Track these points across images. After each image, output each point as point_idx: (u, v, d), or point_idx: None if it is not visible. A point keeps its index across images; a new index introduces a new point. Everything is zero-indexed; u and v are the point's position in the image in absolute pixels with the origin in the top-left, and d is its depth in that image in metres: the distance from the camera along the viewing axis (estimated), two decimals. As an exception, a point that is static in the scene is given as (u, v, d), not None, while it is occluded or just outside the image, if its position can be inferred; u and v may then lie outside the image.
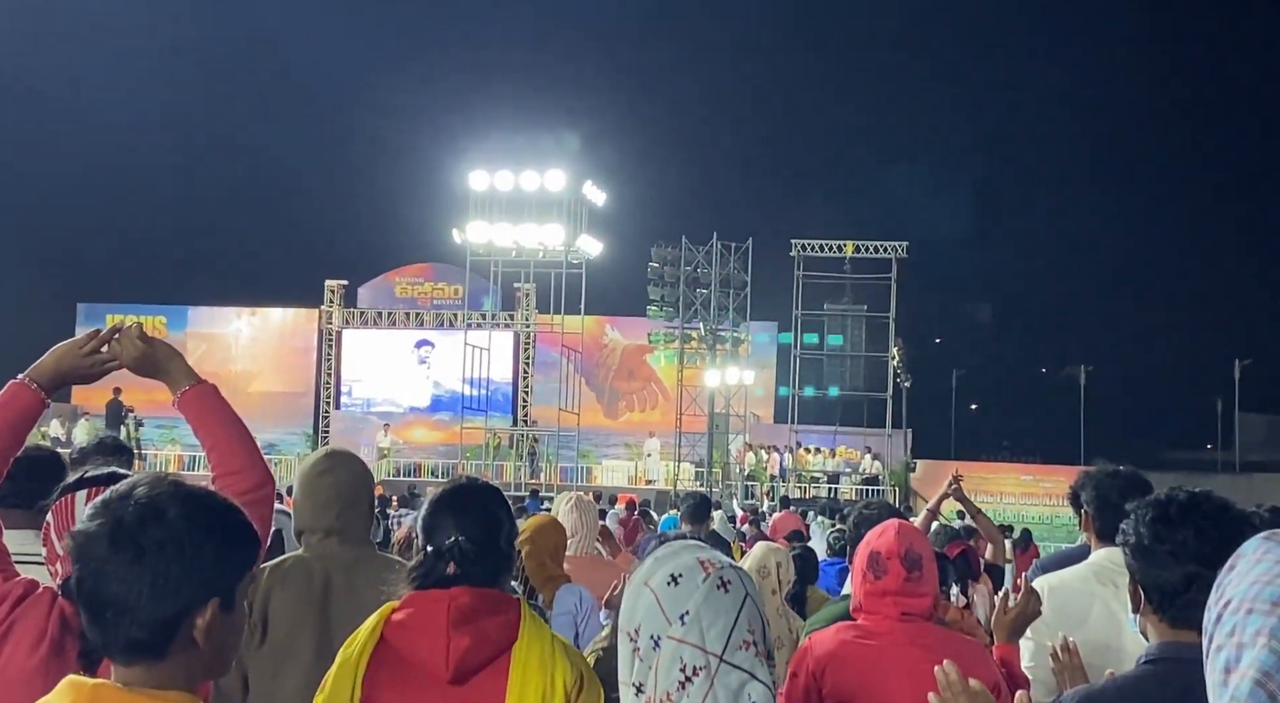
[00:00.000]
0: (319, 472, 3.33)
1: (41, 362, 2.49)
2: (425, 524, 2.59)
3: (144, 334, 2.58)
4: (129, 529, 1.65)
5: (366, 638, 2.45)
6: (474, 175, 29.90)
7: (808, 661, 3.10)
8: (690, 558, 1.70)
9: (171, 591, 1.65)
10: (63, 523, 2.35)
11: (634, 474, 31.22)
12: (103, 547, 1.65)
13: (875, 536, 3.18)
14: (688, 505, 7.85)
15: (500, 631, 2.45)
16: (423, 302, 35.62)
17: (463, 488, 2.65)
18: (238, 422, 2.58)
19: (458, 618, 2.41)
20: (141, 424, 26.14)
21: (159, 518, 1.66)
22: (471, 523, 2.53)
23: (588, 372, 33.72)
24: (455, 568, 2.48)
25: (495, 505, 2.62)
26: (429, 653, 2.41)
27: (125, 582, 1.63)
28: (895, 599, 3.05)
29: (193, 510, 1.70)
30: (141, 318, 15.94)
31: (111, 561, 1.64)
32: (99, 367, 2.55)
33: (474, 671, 2.41)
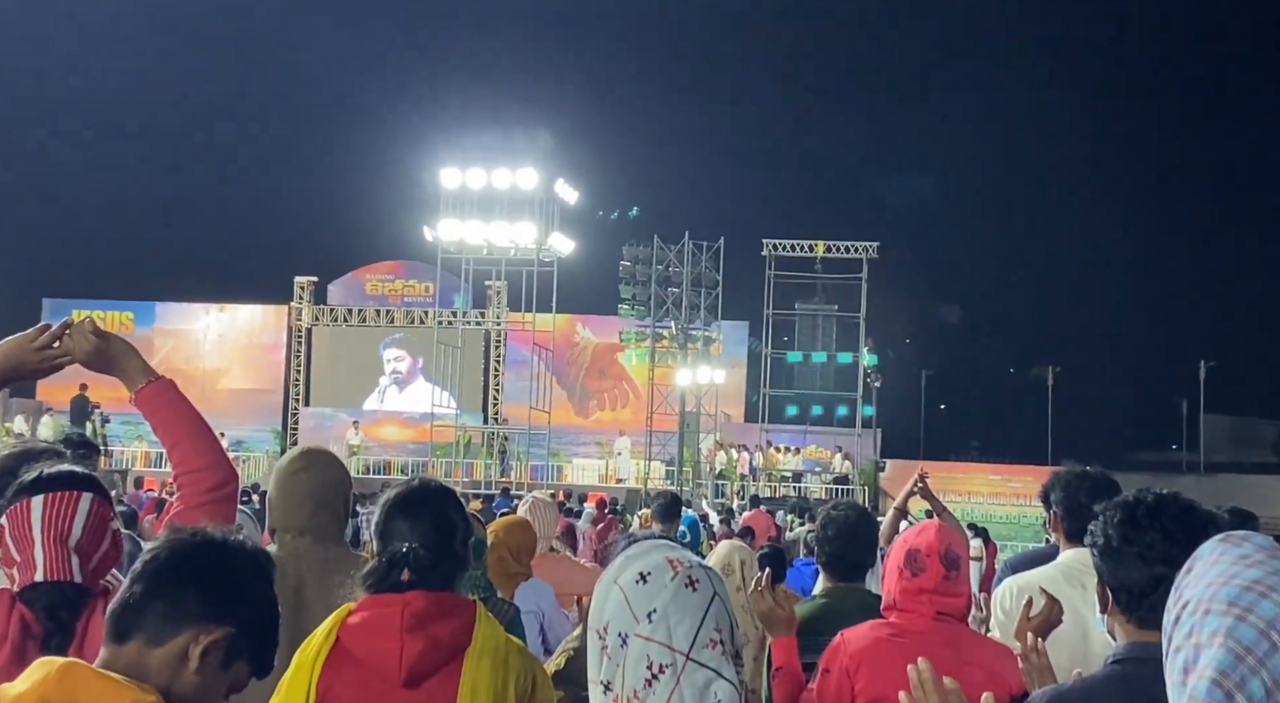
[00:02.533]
0: (294, 470, 3.30)
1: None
2: (379, 529, 2.57)
3: (98, 329, 2.53)
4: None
5: (322, 640, 2.45)
6: (446, 172, 29.81)
7: (840, 657, 3.09)
8: (659, 557, 1.70)
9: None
10: (19, 528, 2.30)
11: (605, 473, 31.21)
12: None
13: (914, 533, 3.17)
14: (658, 504, 7.86)
15: (453, 635, 2.45)
16: (393, 299, 35.49)
17: (416, 491, 2.62)
18: (198, 419, 2.54)
19: (411, 623, 2.41)
20: (108, 421, 25.90)
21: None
22: (425, 528, 2.52)
23: (559, 370, 33.69)
24: (409, 575, 2.47)
25: (449, 508, 2.60)
26: (383, 656, 2.40)
27: (150, 606, 1.76)
28: (931, 597, 3.05)
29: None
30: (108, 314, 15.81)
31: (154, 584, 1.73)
32: (49, 362, 2.50)
33: (427, 674, 2.42)
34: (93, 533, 2.32)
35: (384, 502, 2.63)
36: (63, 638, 2.21)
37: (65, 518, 2.30)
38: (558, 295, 30.52)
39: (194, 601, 1.75)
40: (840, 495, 29.36)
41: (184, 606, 1.75)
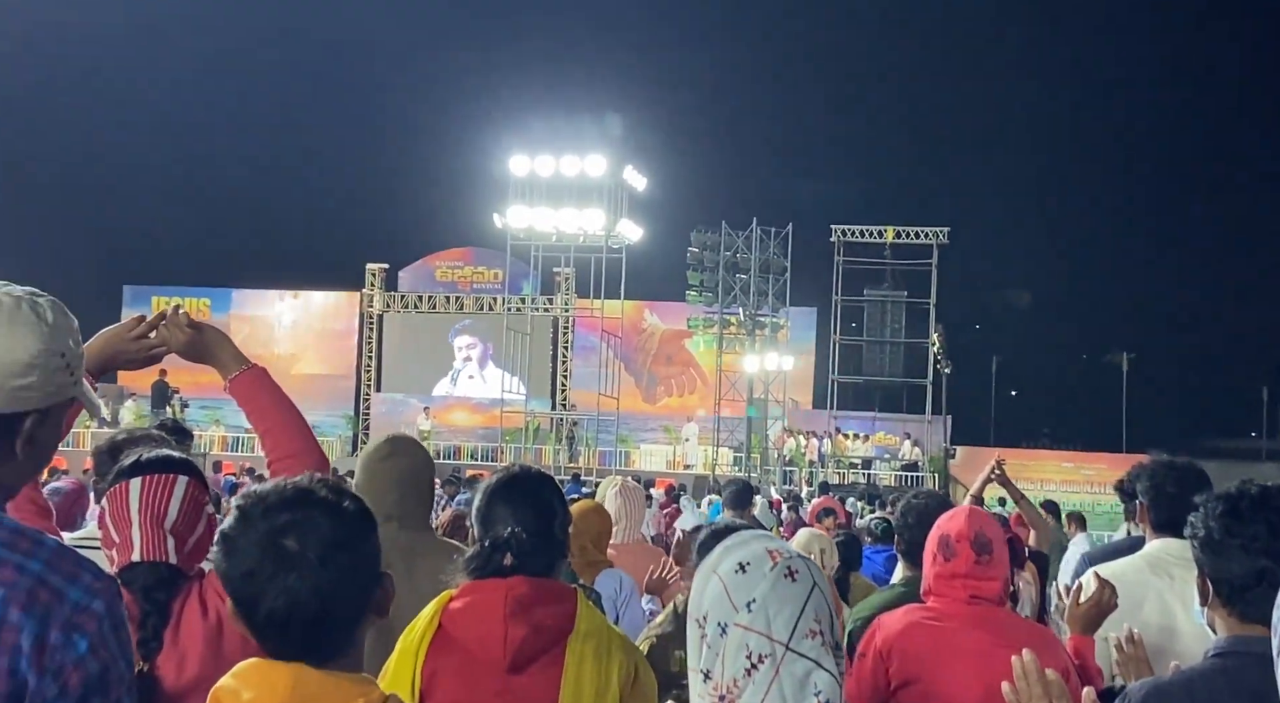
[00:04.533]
0: (380, 457, 3.36)
1: (88, 345, 2.47)
2: (480, 515, 2.60)
3: (192, 319, 2.58)
4: (291, 552, 1.71)
5: (425, 626, 2.48)
6: (515, 160, 29.94)
7: (876, 641, 3.10)
8: (759, 547, 1.71)
9: (358, 599, 1.77)
10: (118, 509, 2.37)
11: (672, 459, 31.25)
12: (271, 568, 1.72)
13: (946, 519, 3.17)
14: (730, 491, 7.84)
15: (556, 620, 2.47)
16: (463, 285, 35.74)
17: (517, 478, 2.65)
18: (290, 405, 2.59)
19: (514, 608, 2.43)
20: (187, 405, 26.41)
21: (319, 535, 1.73)
22: (527, 513, 2.54)
23: (626, 356, 33.76)
24: (511, 560, 2.50)
25: (549, 494, 2.63)
26: (487, 641, 2.43)
27: (318, 593, 1.71)
28: (964, 582, 3.04)
29: (343, 518, 1.77)
30: (186, 300, 16.08)
31: (288, 582, 1.71)
32: (146, 351, 2.56)
33: (530, 659, 2.44)
34: (188, 516, 2.38)
35: (485, 488, 2.67)
36: (159, 620, 2.27)
37: (162, 500, 2.37)
38: (626, 282, 30.57)
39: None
40: (910, 483, 29.13)
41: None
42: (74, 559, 1.73)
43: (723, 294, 30.91)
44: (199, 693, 1.92)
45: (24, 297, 1.82)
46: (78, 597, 1.67)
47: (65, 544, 1.83)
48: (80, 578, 1.70)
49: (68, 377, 1.83)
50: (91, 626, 1.67)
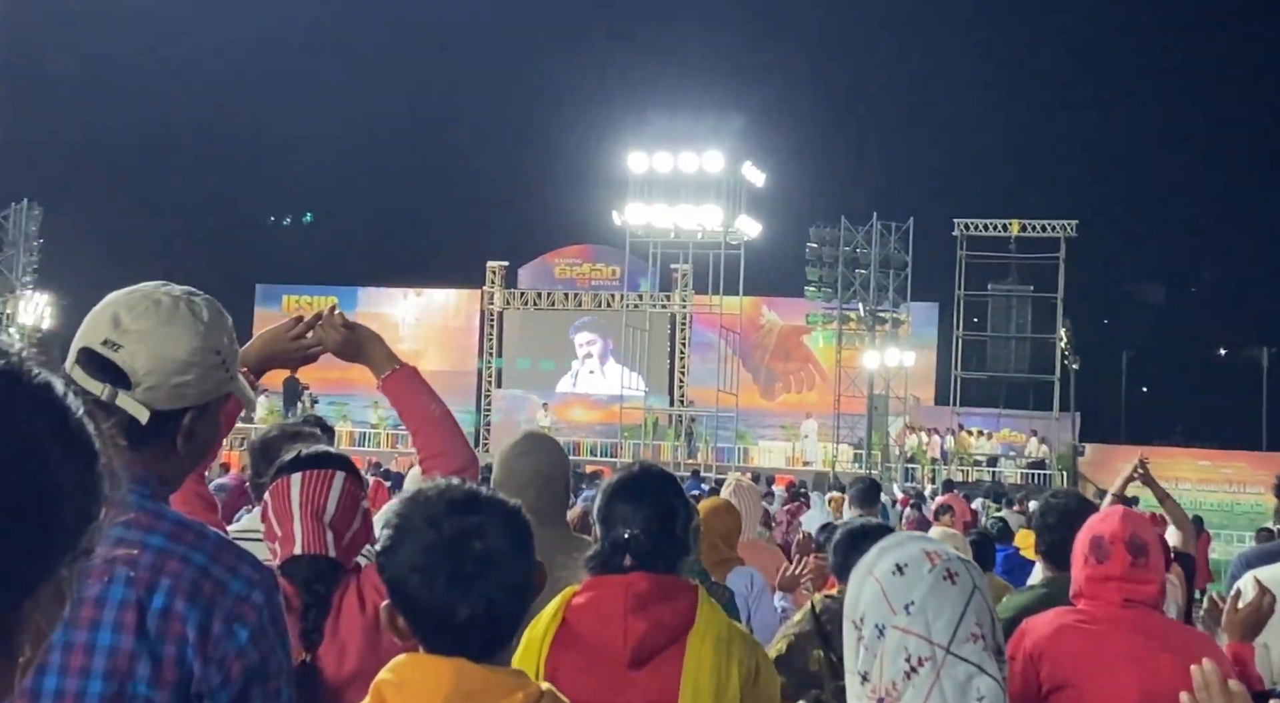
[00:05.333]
0: (518, 454, 3.40)
1: (249, 346, 2.56)
2: (601, 514, 2.61)
3: (346, 320, 2.64)
4: (472, 552, 1.72)
5: (549, 620, 2.50)
6: (633, 157, 30.06)
7: (1025, 644, 3.04)
8: (916, 548, 1.68)
9: (528, 594, 1.78)
10: (280, 503, 2.45)
11: (791, 455, 31.08)
12: (448, 570, 1.72)
13: (1098, 520, 3.09)
14: (856, 489, 7.77)
15: (676, 617, 2.47)
16: (581, 283, 36.01)
17: (636, 477, 2.65)
18: (440, 405, 2.64)
19: (634, 604, 2.45)
20: (316, 401, 27.10)
21: (492, 530, 1.74)
22: (647, 513, 2.55)
23: (744, 353, 33.64)
24: (631, 561, 2.51)
25: (671, 494, 2.62)
26: (608, 637, 2.45)
27: (485, 598, 1.72)
28: (1119, 585, 2.96)
29: (511, 513, 1.78)
30: (315, 298, 16.50)
31: (460, 584, 1.72)
32: (303, 351, 2.63)
33: (651, 655, 2.45)
34: (345, 510, 2.45)
35: (606, 487, 2.68)
36: (319, 612, 2.33)
37: (321, 495, 2.44)
38: (744, 278, 30.48)
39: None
40: (1036, 481, 28.51)
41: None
42: (235, 552, 1.78)
43: (842, 290, 30.62)
44: (358, 686, 1.96)
45: (181, 296, 1.88)
46: (239, 588, 1.72)
47: (227, 537, 1.88)
48: (241, 570, 1.74)
49: (224, 373, 1.88)
50: (252, 616, 1.71)
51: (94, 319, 1.82)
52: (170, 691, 1.66)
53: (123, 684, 1.63)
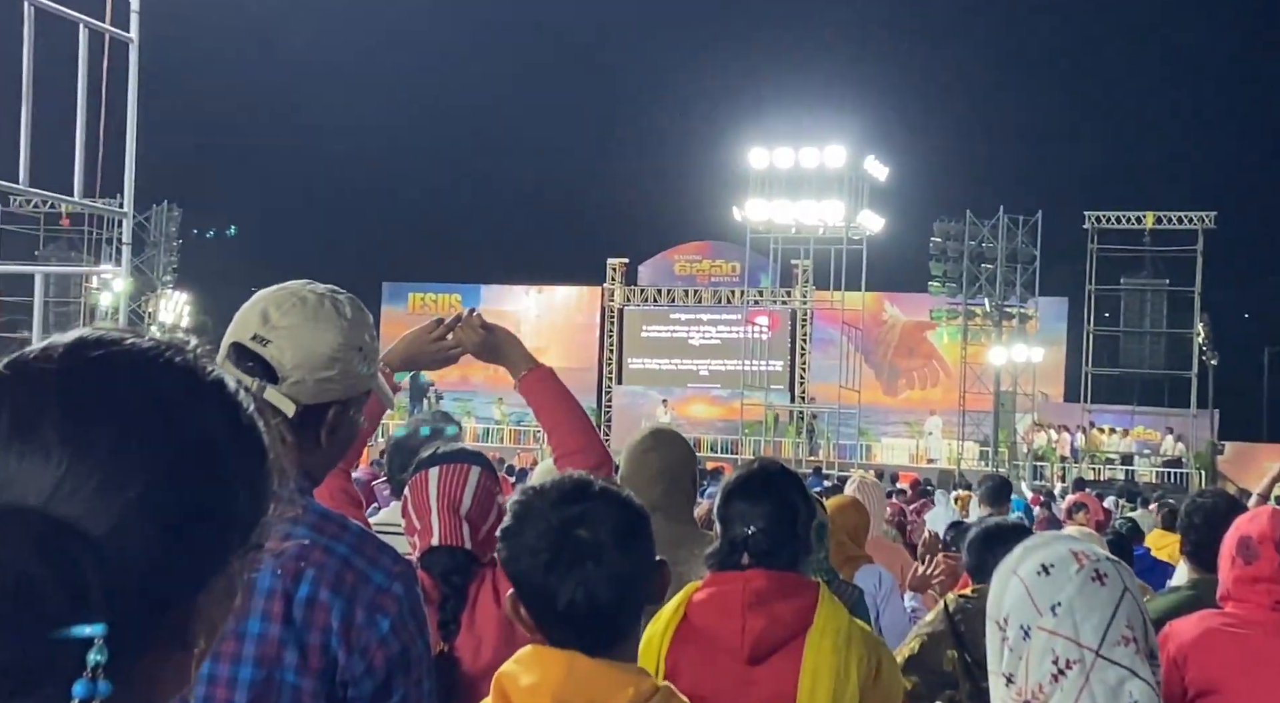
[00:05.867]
0: (644, 449, 3.41)
1: (393, 348, 2.64)
2: (720, 512, 2.61)
3: (485, 322, 2.70)
4: (587, 543, 1.73)
5: (670, 616, 2.51)
6: (753, 152, 29.96)
7: (1169, 647, 2.94)
8: (1062, 549, 1.64)
9: (637, 591, 1.76)
10: (418, 497, 2.51)
11: (915, 453, 30.64)
12: (563, 561, 1.73)
13: (1247, 520, 2.99)
14: (987, 487, 7.61)
15: (795, 614, 2.46)
16: (701, 279, 36.01)
17: (756, 474, 2.64)
18: (574, 404, 2.68)
19: (752, 600, 2.45)
20: (441, 398, 27.63)
21: (608, 526, 1.75)
22: (766, 510, 2.54)
23: (866, 349, 33.28)
24: (749, 560, 2.50)
25: (791, 491, 2.60)
26: (726, 633, 2.45)
27: (605, 587, 1.73)
28: (1269, 587, 2.86)
29: (630, 511, 1.79)
30: (439, 296, 16.71)
31: (578, 572, 1.72)
32: (444, 353, 2.69)
33: (769, 651, 2.45)
34: (481, 504, 2.50)
35: (725, 484, 2.67)
36: (457, 603, 2.38)
37: (457, 488, 2.49)
38: (866, 273, 30.14)
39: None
40: (1172, 479, 27.65)
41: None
42: (376, 544, 1.82)
43: (967, 285, 30.08)
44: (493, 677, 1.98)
45: (325, 294, 1.93)
46: (380, 580, 1.75)
47: (368, 530, 1.92)
48: (381, 562, 1.78)
49: (365, 369, 1.92)
50: (392, 607, 1.75)
51: (244, 315, 1.87)
52: (316, 678, 1.70)
53: (271, 671, 1.68)
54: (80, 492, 0.76)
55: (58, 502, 0.75)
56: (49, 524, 0.74)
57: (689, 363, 36.27)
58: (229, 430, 0.84)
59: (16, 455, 0.77)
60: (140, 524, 0.77)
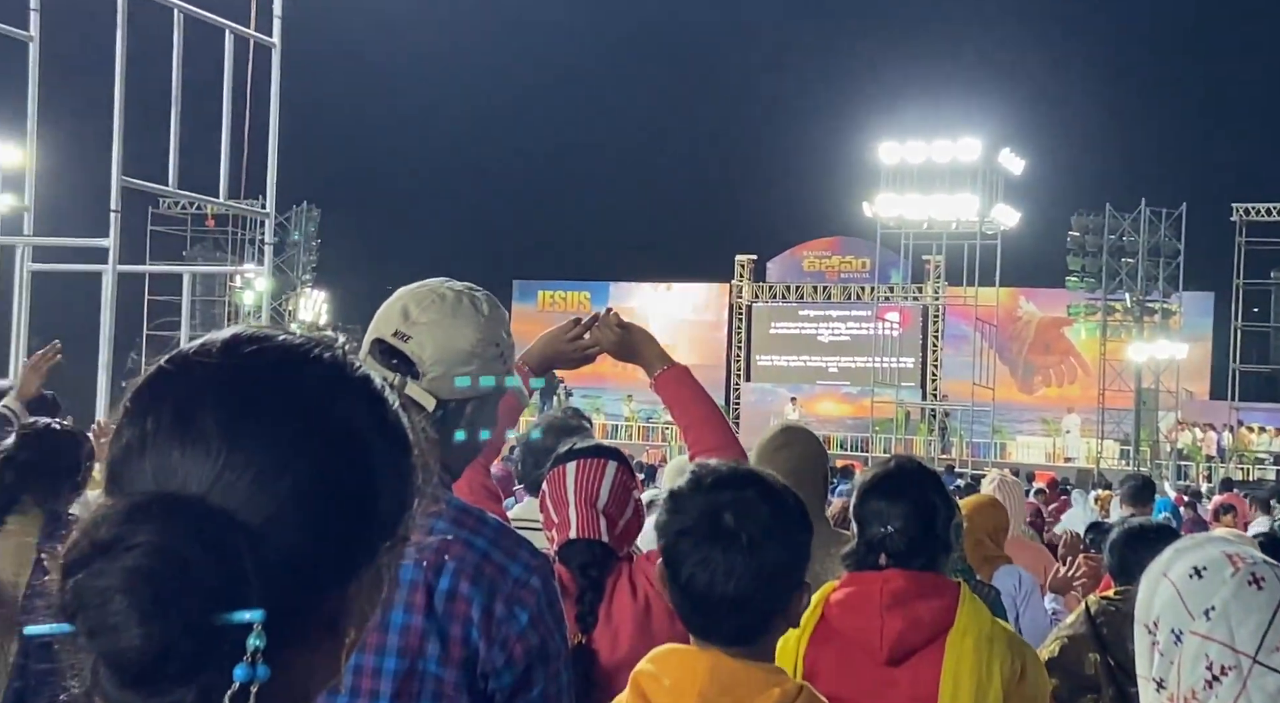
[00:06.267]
0: (775, 447, 3.41)
1: (532, 347, 2.69)
2: (857, 511, 2.58)
3: (621, 321, 2.72)
4: (728, 529, 1.74)
5: (808, 616, 2.48)
6: (884, 147, 29.58)
7: None
8: (1215, 551, 1.58)
9: (778, 585, 1.76)
10: (556, 491, 2.54)
11: (1052, 451, 29.90)
12: (705, 544, 1.75)
13: None
14: (1129, 487, 7.38)
15: (935, 615, 2.42)
16: (830, 275, 35.69)
17: (892, 472, 2.59)
18: (710, 403, 2.68)
19: (890, 601, 2.41)
20: (570, 395, 27.89)
21: (755, 517, 1.75)
22: (904, 510, 2.49)
23: (1001, 345, 32.59)
24: (887, 560, 2.46)
25: (930, 490, 2.56)
26: (864, 633, 2.42)
27: (735, 578, 1.73)
28: None
29: (779, 505, 1.78)
30: (568, 294, 16.89)
31: (716, 558, 1.74)
32: (581, 352, 2.71)
33: (909, 653, 2.41)
34: (617, 498, 2.52)
35: (861, 482, 2.64)
36: (594, 596, 2.40)
37: (594, 483, 2.52)
38: (1000, 268, 29.49)
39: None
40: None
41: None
42: (514, 538, 1.84)
43: (1106, 279, 29.23)
44: (630, 671, 1.99)
45: (463, 291, 1.96)
46: (518, 573, 1.77)
47: (506, 524, 1.94)
48: (519, 556, 1.80)
49: (502, 366, 1.95)
50: (530, 600, 1.77)
51: (385, 312, 1.92)
52: (458, 669, 1.72)
53: (414, 662, 1.71)
54: (238, 483, 0.78)
55: (217, 492, 0.78)
56: (210, 513, 0.76)
57: (818, 360, 35.97)
58: (376, 424, 0.86)
59: (178, 447, 0.79)
60: (294, 515, 0.79)
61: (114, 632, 0.72)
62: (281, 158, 7.69)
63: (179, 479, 0.78)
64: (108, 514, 0.75)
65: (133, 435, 0.81)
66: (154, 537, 0.74)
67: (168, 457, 0.79)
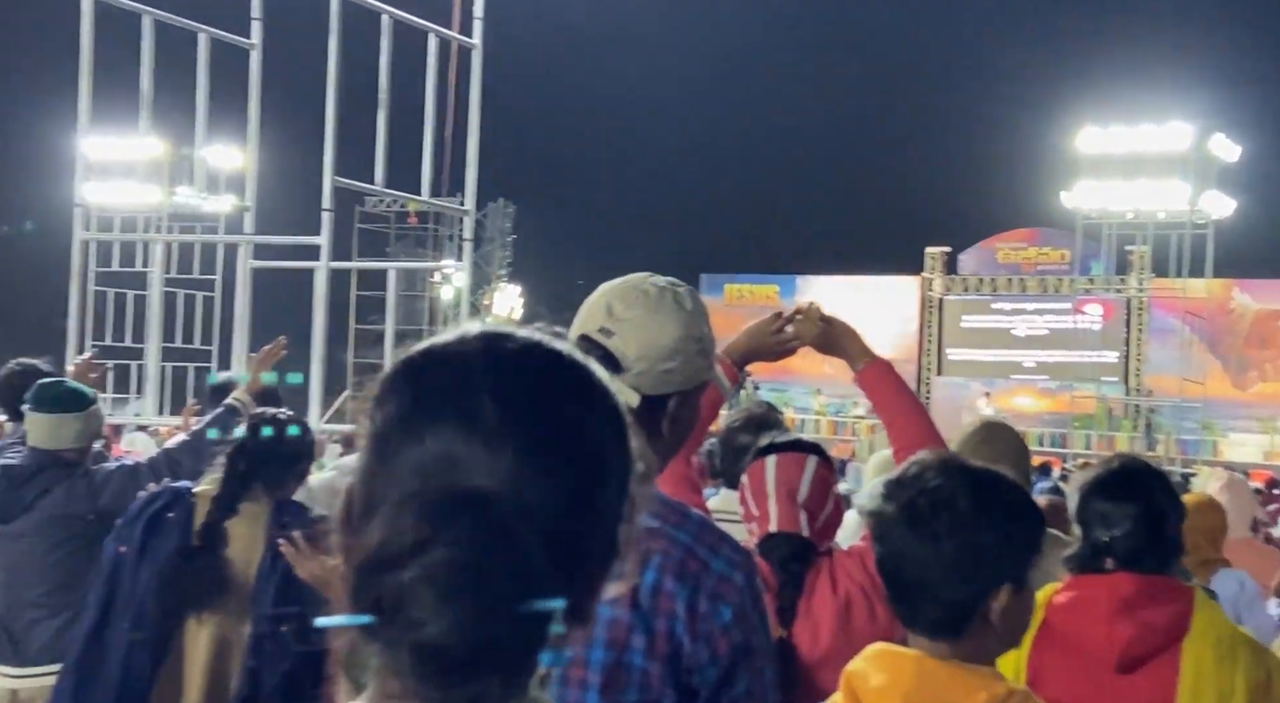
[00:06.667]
0: (977, 442, 3.36)
1: (735, 341, 2.71)
2: (1080, 513, 2.49)
3: (823, 314, 2.71)
4: (922, 515, 1.72)
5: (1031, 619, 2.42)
6: (1084, 134, 28.48)
7: None
8: None
9: (966, 576, 1.73)
10: (756, 484, 2.55)
11: (1269, 449, 28.36)
12: (900, 531, 1.76)
13: None
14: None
15: (1168, 621, 2.33)
16: (1026, 267, 34.67)
17: (1116, 473, 2.50)
18: (912, 398, 2.66)
19: (1120, 607, 2.33)
20: (758, 388, 27.80)
21: (950, 505, 1.72)
22: (1131, 513, 2.40)
23: (1212, 339, 31.05)
24: (1114, 565, 2.38)
25: (1157, 491, 2.46)
26: (1092, 640, 2.35)
27: (923, 565, 1.73)
28: None
29: (980, 497, 1.74)
30: (756, 287, 16.87)
31: (909, 544, 1.74)
32: (783, 346, 2.72)
33: (1140, 661, 2.32)
34: (818, 493, 2.52)
35: (1083, 483, 2.56)
36: (794, 590, 2.41)
37: (795, 476, 2.52)
38: (1213, 259, 28.09)
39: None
40: None
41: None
42: (717, 533, 1.85)
43: (1332, 269, 27.54)
44: (830, 667, 1.99)
45: (666, 286, 1.98)
46: (721, 568, 1.78)
47: (708, 519, 1.96)
48: (722, 551, 1.81)
49: (704, 360, 1.96)
50: (734, 596, 1.77)
51: (590, 308, 1.95)
52: (663, 663, 1.74)
53: (620, 654, 1.74)
54: (527, 476, 0.82)
55: (509, 486, 0.81)
56: (508, 509, 0.80)
57: (1013, 354, 34.97)
58: (617, 417, 0.89)
59: (462, 440, 0.83)
60: (573, 507, 0.83)
61: (426, 626, 0.76)
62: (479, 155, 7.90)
63: (464, 471, 0.81)
64: (411, 511, 0.79)
65: (398, 420, 0.85)
66: (462, 534, 0.77)
67: (449, 447, 0.82)
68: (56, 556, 4.00)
